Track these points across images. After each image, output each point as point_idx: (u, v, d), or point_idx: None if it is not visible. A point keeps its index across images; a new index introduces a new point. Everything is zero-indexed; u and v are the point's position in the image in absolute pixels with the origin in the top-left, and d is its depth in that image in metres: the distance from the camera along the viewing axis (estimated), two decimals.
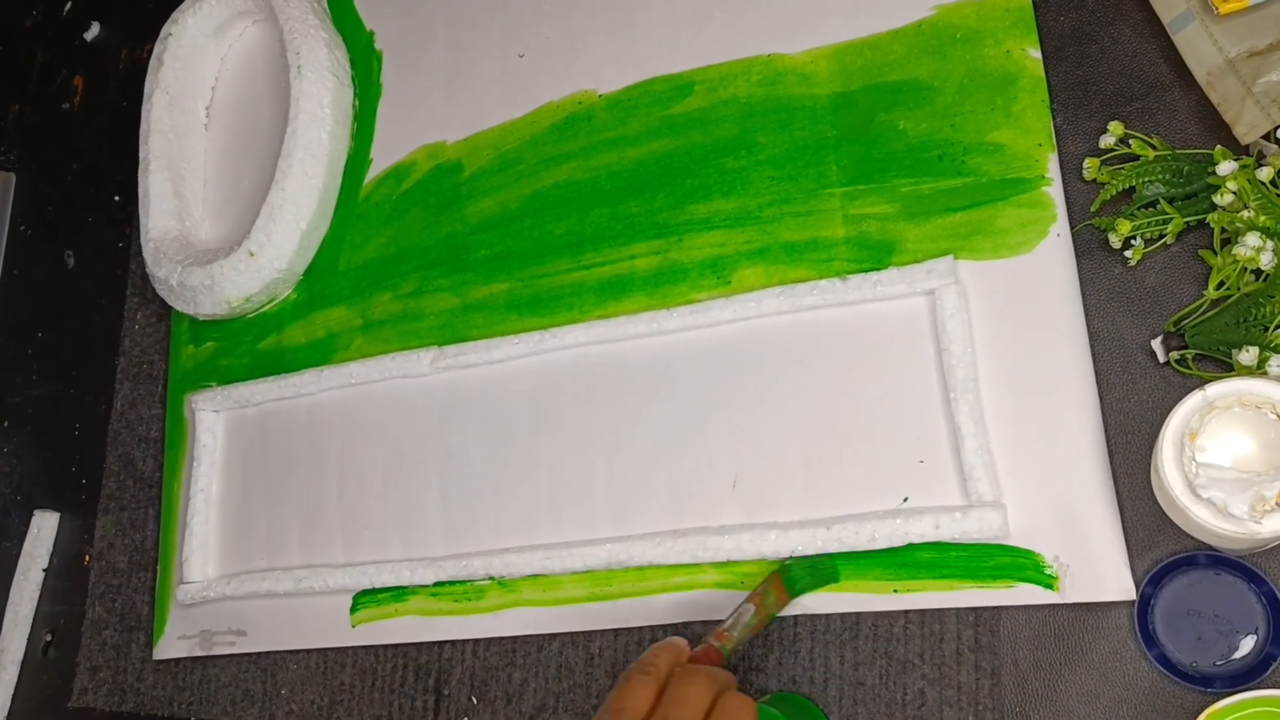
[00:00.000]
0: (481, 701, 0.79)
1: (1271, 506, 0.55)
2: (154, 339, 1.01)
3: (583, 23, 0.86)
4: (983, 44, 0.72)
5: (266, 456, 0.92)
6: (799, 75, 0.77)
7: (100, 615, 0.98)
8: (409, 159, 0.91)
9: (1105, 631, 0.63)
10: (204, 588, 0.90)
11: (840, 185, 0.74)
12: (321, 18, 0.96)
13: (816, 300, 0.72)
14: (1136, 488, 0.64)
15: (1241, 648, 0.60)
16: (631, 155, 0.82)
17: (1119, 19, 0.70)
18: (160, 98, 1.00)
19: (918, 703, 0.66)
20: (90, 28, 1.16)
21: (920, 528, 0.66)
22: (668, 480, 0.75)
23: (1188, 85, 0.67)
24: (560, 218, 0.83)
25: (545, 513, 0.79)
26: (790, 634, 0.70)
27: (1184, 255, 0.65)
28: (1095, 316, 0.67)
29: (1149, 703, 0.62)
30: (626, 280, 0.80)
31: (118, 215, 1.08)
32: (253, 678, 0.89)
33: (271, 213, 0.90)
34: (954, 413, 0.67)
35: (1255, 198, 0.60)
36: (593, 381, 0.79)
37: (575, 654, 0.77)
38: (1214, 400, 0.56)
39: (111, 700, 0.95)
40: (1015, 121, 0.70)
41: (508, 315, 0.84)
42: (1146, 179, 0.64)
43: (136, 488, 0.99)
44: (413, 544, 0.84)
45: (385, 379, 0.87)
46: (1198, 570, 0.61)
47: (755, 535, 0.70)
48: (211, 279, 0.91)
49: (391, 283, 0.89)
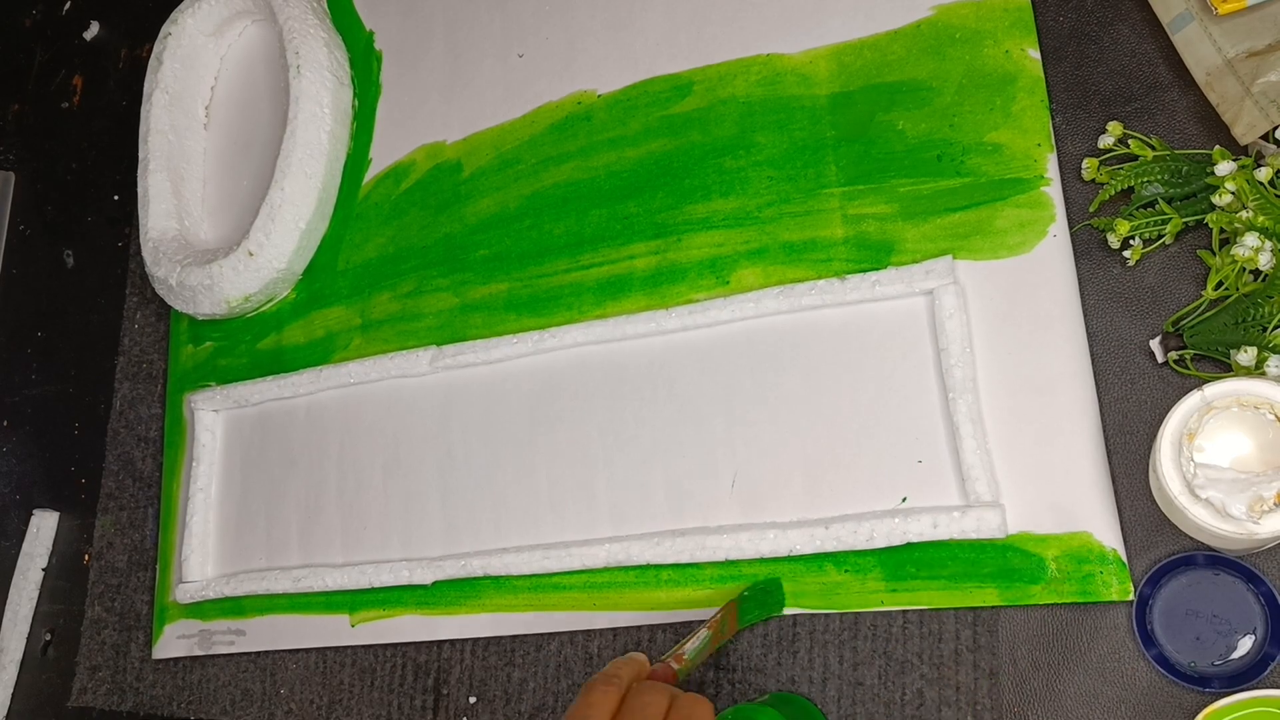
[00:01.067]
0: (480, 701, 0.79)
1: (1270, 507, 0.55)
2: (153, 338, 1.01)
3: (582, 23, 0.86)
4: (982, 44, 0.72)
5: (266, 456, 0.92)
6: (798, 75, 0.77)
7: (99, 615, 0.98)
8: (408, 159, 0.91)
9: (1103, 632, 0.63)
10: (203, 587, 0.90)
11: (839, 185, 0.74)
12: (321, 17, 0.96)
13: (815, 300, 0.72)
14: (1135, 488, 0.64)
15: (1240, 648, 0.60)
16: (630, 155, 0.82)
17: (1118, 19, 0.70)
18: (160, 97, 1.00)
19: (916, 702, 0.66)
20: (90, 27, 1.16)
21: (918, 527, 0.66)
22: (666, 480, 0.75)
23: (1187, 85, 0.67)
24: (559, 218, 0.84)
25: (544, 512, 0.79)
26: (789, 634, 0.70)
27: (1183, 255, 0.65)
28: (1094, 316, 0.67)
29: (1147, 703, 0.62)
30: (625, 280, 0.80)
31: (117, 215, 1.08)
32: (252, 677, 0.89)
33: (271, 212, 0.90)
34: (952, 413, 0.67)
35: (1254, 198, 0.60)
36: (592, 381, 0.79)
37: (574, 653, 0.77)
38: (1212, 400, 0.56)
39: (111, 700, 0.95)
40: (1014, 122, 0.70)
41: (507, 315, 0.84)
42: (1145, 179, 0.64)
43: (136, 487, 0.99)
44: (412, 543, 0.84)
45: (384, 379, 0.87)
46: (1196, 570, 0.61)
47: (754, 535, 0.70)
48: (211, 279, 0.92)
49: (390, 282, 0.89)
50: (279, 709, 0.87)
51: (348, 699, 0.84)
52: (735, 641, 0.72)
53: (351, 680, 0.85)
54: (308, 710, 0.86)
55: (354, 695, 0.84)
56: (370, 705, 0.83)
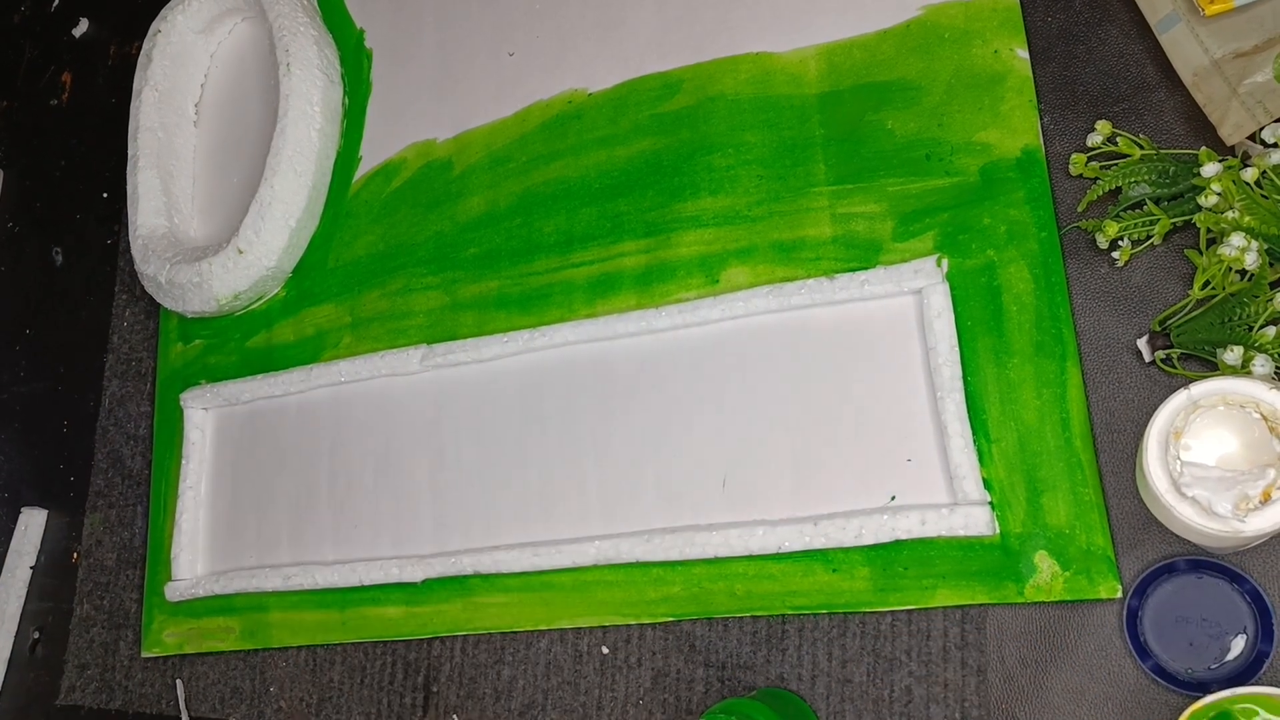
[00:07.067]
0: (470, 699, 0.79)
1: (1255, 505, 0.55)
2: (142, 336, 1.01)
3: (572, 21, 0.86)
4: (970, 44, 0.72)
5: (256, 454, 0.92)
6: (787, 74, 0.77)
7: (88, 613, 0.97)
8: (398, 157, 0.91)
9: (1091, 629, 0.63)
10: (193, 585, 0.90)
11: (828, 184, 0.75)
12: (311, 15, 0.95)
13: (804, 299, 0.73)
14: (1122, 486, 0.64)
15: (1233, 649, 0.60)
16: (620, 154, 0.82)
17: (1106, 20, 0.70)
18: (149, 94, 0.99)
19: (905, 699, 0.67)
20: (79, 24, 1.16)
21: (907, 524, 0.66)
22: (656, 477, 0.76)
23: (1174, 86, 0.67)
24: (549, 216, 0.84)
25: (534, 510, 0.79)
26: (779, 631, 0.70)
27: (1169, 255, 0.66)
28: (1082, 316, 0.67)
29: (1134, 699, 0.62)
30: (615, 278, 0.80)
31: (106, 212, 1.08)
32: (241, 675, 0.89)
33: (260, 210, 0.90)
34: (940, 411, 0.67)
35: (1240, 198, 0.60)
36: (582, 380, 0.80)
37: (563, 651, 0.77)
38: (1199, 399, 0.56)
39: (99, 698, 0.95)
40: (1002, 121, 0.70)
41: (497, 313, 0.84)
42: (1132, 180, 0.65)
43: (125, 485, 0.98)
44: (402, 541, 0.84)
45: (374, 377, 0.87)
46: (1180, 576, 0.61)
47: (743, 532, 0.70)
48: (200, 276, 0.91)
49: (381, 280, 0.89)
50: (268, 707, 0.87)
51: (337, 697, 0.84)
52: (724, 639, 0.72)
53: (341, 678, 0.85)
54: (297, 708, 0.86)
55: (344, 693, 0.84)
56: (360, 703, 0.83)
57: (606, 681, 0.75)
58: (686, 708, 0.72)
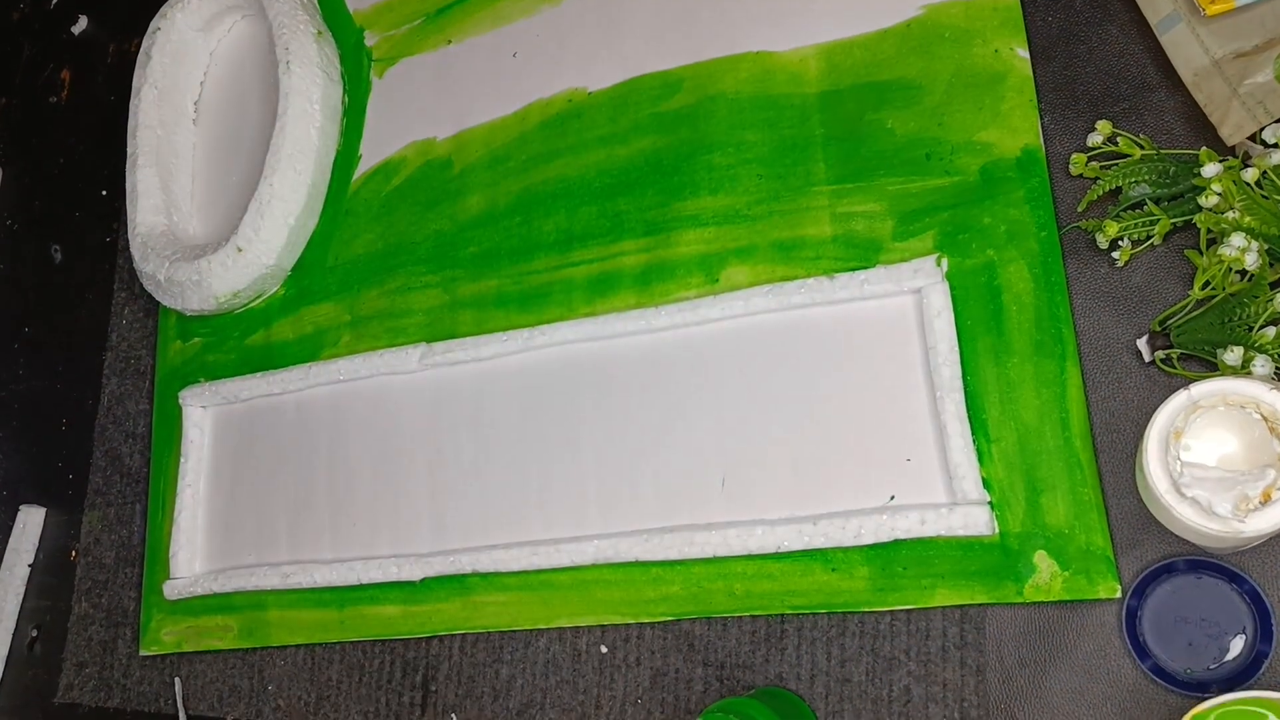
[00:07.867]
0: (469, 697, 0.79)
1: (1255, 505, 0.55)
2: (141, 334, 1.01)
3: (572, 20, 0.86)
4: (971, 44, 0.72)
5: (255, 452, 0.92)
6: (788, 73, 0.77)
7: (86, 611, 0.97)
8: (398, 155, 0.91)
9: (1090, 629, 0.63)
10: (191, 583, 0.90)
11: (828, 184, 0.74)
12: (311, 13, 0.95)
13: (804, 299, 0.73)
14: (1122, 486, 0.64)
15: (1232, 649, 0.60)
16: (620, 152, 0.82)
17: (1106, 19, 0.70)
18: (148, 92, 0.99)
19: (904, 699, 0.67)
20: (78, 21, 1.16)
21: (906, 524, 0.66)
22: (655, 477, 0.75)
23: (1174, 86, 0.67)
24: (549, 214, 0.83)
25: (533, 508, 0.79)
26: (777, 630, 0.70)
27: (1170, 255, 0.66)
28: (1081, 316, 0.67)
29: (1132, 699, 0.62)
30: (615, 277, 0.80)
31: (105, 210, 1.08)
32: (240, 673, 0.89)
33: (260, 208, 0.90)
34: (940, 411, 0.67)
35: (1240, 199, 0.60)
36: (582, 379, 0.79)
37: (562, 650, 0.77)
38: (1199, 399, 0.56)
39: (98, 696, 0.95)
40: (1003, 121, 0.70)
41: (496, 312, 0.84)
42: (1133, 180, 0.65)
43: (123, 483, 0.98)
44: (401, 540, 0.84)
45: (374, 375, 0.87)
46: (1179, 576, 0.61)
47: (742, 531, 0.70)
48: (199, 274, 0.91)
49: (380, 279, 0.89)
50: (266, 705, 0.87)
51: (336, 695, 0.84)
52: (723, 638, 0.72)
53: (340, 676, 0.85)
54: (295, 706, 0.86)
55: (342, 691, 0.84)
56: (358, 701, 0.83)
57: (605, 680, 0.75)
58: (685, 707, 0.72)
